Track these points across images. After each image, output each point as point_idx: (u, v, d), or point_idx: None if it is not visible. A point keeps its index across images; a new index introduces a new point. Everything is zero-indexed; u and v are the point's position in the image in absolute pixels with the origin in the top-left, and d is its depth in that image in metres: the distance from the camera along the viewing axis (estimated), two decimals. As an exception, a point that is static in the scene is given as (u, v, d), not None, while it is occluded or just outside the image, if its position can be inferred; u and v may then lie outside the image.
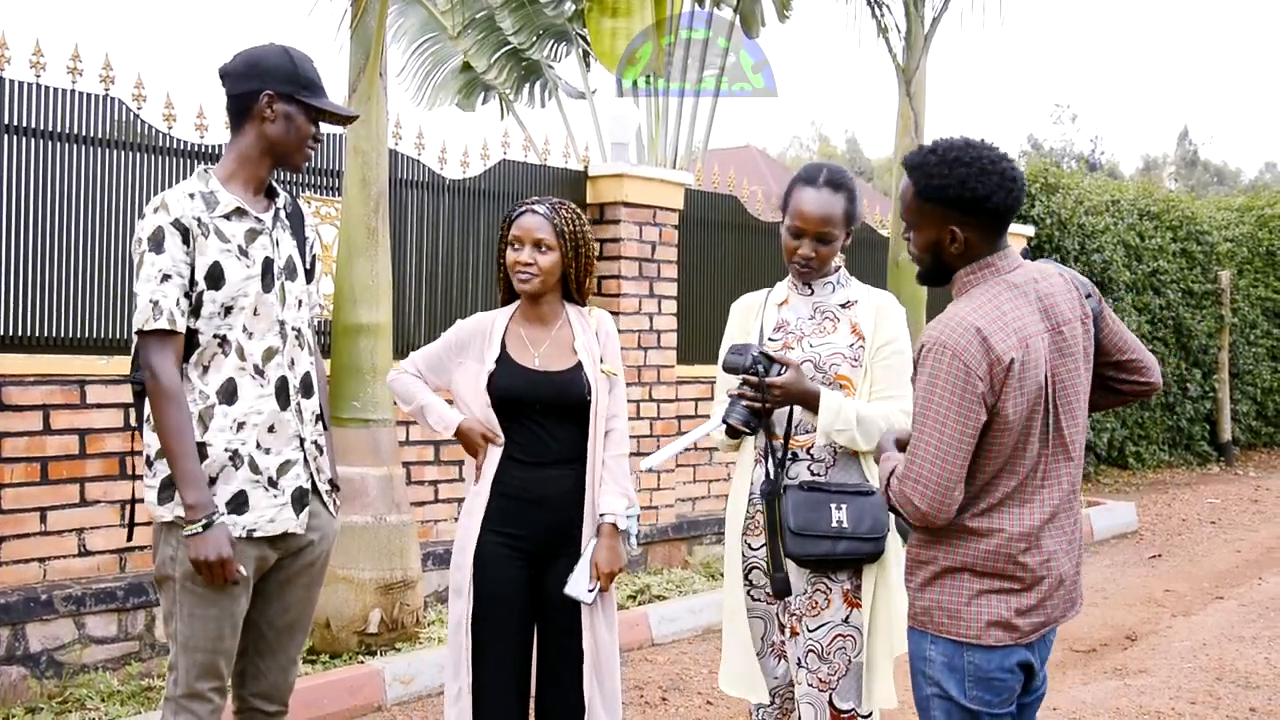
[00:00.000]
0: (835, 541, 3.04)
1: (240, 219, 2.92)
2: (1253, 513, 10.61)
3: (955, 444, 2.37)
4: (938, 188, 2.46)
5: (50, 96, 5.08)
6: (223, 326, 2.87)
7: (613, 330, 3.46)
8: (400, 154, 6.31)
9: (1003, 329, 2.39)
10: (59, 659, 4.79)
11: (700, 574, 7.04)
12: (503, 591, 3.27)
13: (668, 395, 7.41)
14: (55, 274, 5.10)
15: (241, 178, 2.95)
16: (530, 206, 3.32)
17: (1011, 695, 2.49)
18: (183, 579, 2.86)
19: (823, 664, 3.11)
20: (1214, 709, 5.01)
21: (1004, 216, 2.49)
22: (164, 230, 2.82)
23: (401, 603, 5.30)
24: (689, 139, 10.18)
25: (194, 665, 2.87)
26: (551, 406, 3.29)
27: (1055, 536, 2.47)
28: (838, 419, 3.04)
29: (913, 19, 8.74)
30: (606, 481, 3.33)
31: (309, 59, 3.01)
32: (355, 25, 5.40)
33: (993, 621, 2.43)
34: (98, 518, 5.09)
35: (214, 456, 2.85)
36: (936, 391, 2.38)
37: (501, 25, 10.22)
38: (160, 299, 2.79)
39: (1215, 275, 13.58)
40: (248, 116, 2.94)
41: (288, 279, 3.00)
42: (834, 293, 3.24)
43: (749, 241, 8.22)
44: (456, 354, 3.40)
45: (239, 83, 2.94)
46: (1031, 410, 2.41)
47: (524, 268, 3.28)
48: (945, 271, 2.55)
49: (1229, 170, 52.98)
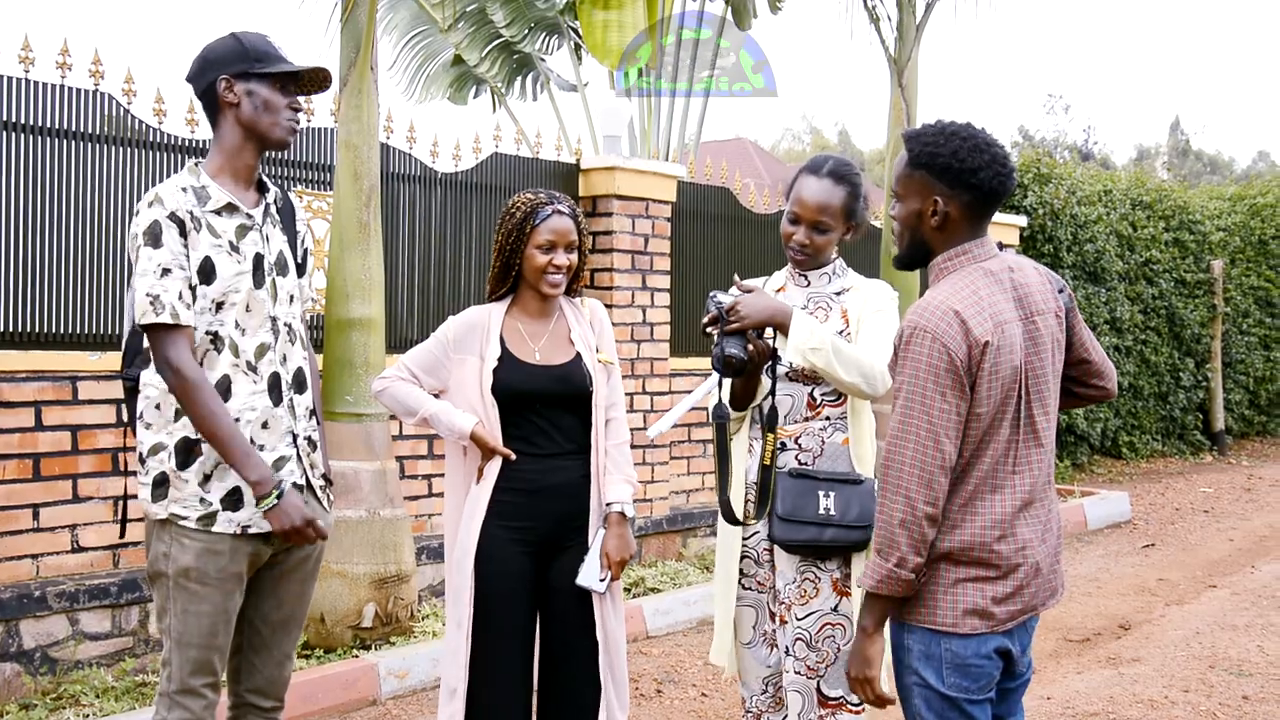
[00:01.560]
0: (822, 528, 3.04)
1: (231, 215, 2.90)
2: (1245, 501, 10.64)
3: (944, 427, 2.37)
4: (929, 154, 2.47)
5: (40, 92, 5.06)
6: (214, 323, 2.85)
7: (606, 319, 3.46)
8: (392, 148, 6.30)
9: (979, 313, 2.40)
10: (53, 655, 4.79)
11: (694, 566, 7.05)
12: (509, 586, 3.24)
13: (661, 387, 7.42)
14: (46, 270, 5.08)
15: (229, 171, 2.94)
16: (556, 207, 3.27)
17: (990, 682, 2.49)
18: (175, 575, 2.86)
19: (811, 652, 3.12)
20: (1207, 697, 5.03)
21: (989, 198, 2.49)
22: (160, 224, 2.80)
23: (396, 597, 5.30)
24: (681, 132, 10.17)
25: (187, 661, 2.87)
26: (555, 400, 3.29)
27: (1030, 524, 2.48)
28: (812, 337, 2.99)
29: (904, 9, 8.73)
30: (610, 470, 3.33)
31: (261, 36, 2.98)
32: (345, 19, 5.39)
33: (969, 610, 2.43)
34: (90, 514, 5.09)
35: (208, 453, 2.84)
36: (921, 375, 2.37)
37: (493, 18, 10.21)
38: (160, 293, 2.77)
39: (1208, 265, 13.60)
40: (217, 109, 2.93)
41: (279, 274, 2.99)
42: (829, 283, 3.24)
43: (742, 233, 8.22)
44: (455, 351, 3.33)
45: (198, 80, 2.94)
46: (1005, 397, 2.42)
47: (557, 270, 3.27)
48: (922, 250, 2.56)
49: (1222, 159, 53.04)
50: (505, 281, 3.34)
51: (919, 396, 2.38)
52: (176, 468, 2.83)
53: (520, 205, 3.29)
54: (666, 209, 7.40)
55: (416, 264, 6.47)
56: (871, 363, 3.02)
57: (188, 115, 5.55)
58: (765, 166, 32.32)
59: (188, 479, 2.83)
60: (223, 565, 2.87)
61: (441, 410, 3.27)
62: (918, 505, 2.37)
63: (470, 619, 3.23)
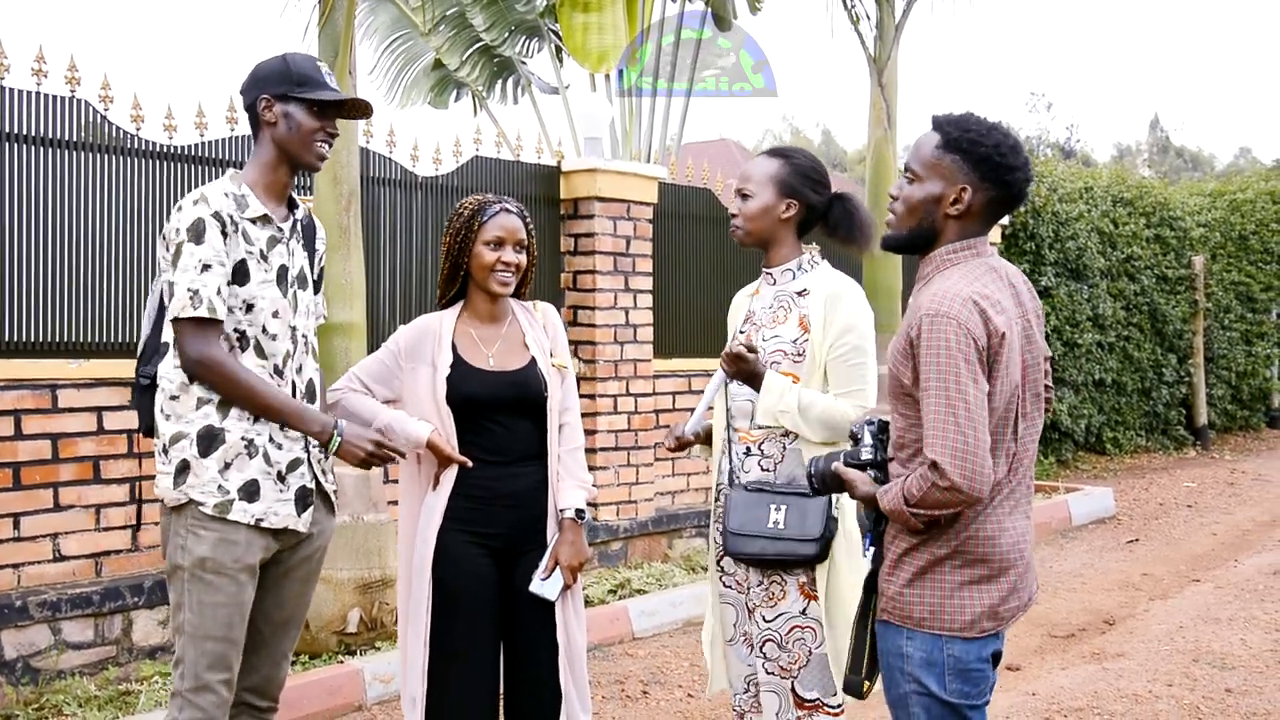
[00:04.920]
0: (770, 542, 3.03)
1: (264, 226, 3.00)
2: (1229, 496, 10.69)
3: (980, 409, 2.31)
4: (972, 141, 2.44)
5: (14, 99, 5.03)
6: (244, 322, 2.93)
7: (559, 322, 3.46)
8: (372, 152, 6.28)
9: (994, 305, 2.38)
10: (35, 665, 4.76)
11: (680, 567, 7.05)
12: (470, 587, 3.23)
13: (645, 389, 7.41)
14: (24, 278, 5.05)
15: (263, 185, 3.03)
16: (504, 205, 3.30)
17: (988, 686, 2.48)
18: (192, 567, 2.89)
19: (782, 653, 3.11)
20: (1190, 690, 5.05)
21: (1011, 201, 2.49)
22: (205, 221, 2.88)
23: (380, 602, 5.29)
24: (663, 133, 10.16)
25: (203, 655, 2.89)
26: (510, 406, 3.27)
27: (1020, 520, 2.47)
28: (780, 400, 3.01)
29: (884, 8, 8.75)
30: (564, 476, 3.33)
31: (308, 59, 3.07)
32: (323, 23, 5.38)
33: (978, 612, 2.41)
34: (72, 522, 5.06)
35: (230, 443, 2.90)
36: (952, 360, 2.31)
37: (473, 22, 10.18)
38: (200, 288, 2.84)
39: (1189, 260, 13.66)
40: (258, 126, 3.04)
41: (299, 288, 3.09)
42: (793, 280, 3.19)
43: (724, 234, 8.19)
44: (406, 360, 3.30)
45: (245, 96, 3.05)
46: (1012, 392, 2.40)
47: (506, 268, 3.27)
48: (927, 236, 2.50)
49: (1203, 156, 53.29)
50: (454, 282, 3.34)
51: (953, 379, 2.32)
52: (199, 455, 2.89)
53: (468, 205, 3.32)
54: (648, 210, 7.39)
55: (398, 268, 6.46)
56: (841, 415, 3.01)
57: (166, 121, 5.52)
58: (748, 167, 32.30)
59: (208, 465, 2.89)
60: (238, 555, 2.90)
61: (395, 420, 3.22)
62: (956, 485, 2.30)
63: (428, 626, 3.22)
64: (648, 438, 7.41)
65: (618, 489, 7.18)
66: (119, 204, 5.31)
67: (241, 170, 3.06)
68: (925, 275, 2.51)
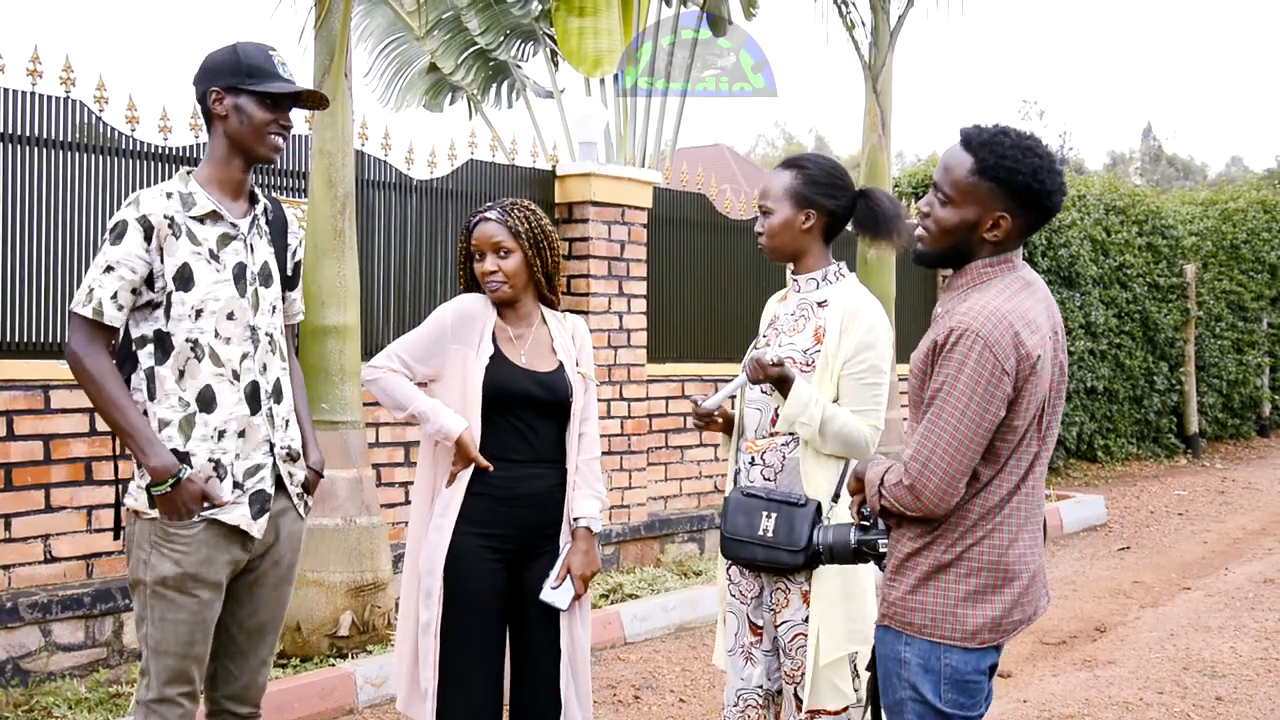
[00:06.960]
0: (760, 548, 3.06)
1: (215, 223, 2.93)
2: (1219, 504, 10.72)
3: (972, 435, 2.31)
4: (1009, 169, 2.36)
5: (10, 99, 5.02)
6: (194, 330, 2.87)
7: (587, 336, 3.49)
8: (366, 155, 6.28)
9: (1029, 325, 2.35)
10: (25, 667, 4.74)
11: (673, 572, 7.04)
12: (480, 590, 3.23)
13: (638, 394, 7.42)
14: (17, 278, 5.04)
15: (217, 180, 2.97)
16: (483, 214, 3.32)
17: (983, 697, 2.46)
18: (153, 583, 2.86)
19: (786, 659, 3.14)
20: (1181, 698, 5.06)
21: (1049, 217, 2.45)
22: (127, 225, 2.84)
23: (372, 605, 5.28)
24: (658, 138, 10.16)
25: (164, 670, 2.87)
26: (536, 404, 3.29)
27: (1032, 533, 2.46)
28: (804, 411, 3.02)
29: (878, 15, 8.77)
30: (580, 485, 3.34)
31: (260, 48, 2.97)
32: (319, 26, 5.37)
33: (980, 623, 2.40)
34: (63, 524, 5.05)
35: (198, 466, 2.86)
36: (963, 379, 2.30)
37: (468, 25, 10.18)
38: (96, 287, 2.82)
39: (1180, 269, 13.71)
40: (210, 119, 2.97)
41: (261, 285, 3.00)
42: (816, 289, 3.19)
43: (718, 240, 8.22)
44: (451, 339, 3.28)
45: (196, 88, 2.98)
46: (1039, 410, 2.38)
47: (490, 276, 3.28)
48: (962, 257, 2.46)
49: (1195, 165, 53.50)
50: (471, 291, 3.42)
51: (956, 398, 2.32)
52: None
53: (469, 220, 3.37)
54: (642, 215, 7.40)
55: (392, 271, 6.45)
56: (857, 433, 3.03)
57: (161, 122, 5.51)
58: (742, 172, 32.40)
59: None
60: (199, 573, 2.87)
61: (431, 410, 3.22)
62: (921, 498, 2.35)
63: (439, 619, 3.22)
64: (640, 443, 7.41)
65: (610, 494, 7.19)
66: (114, 205, 5.30)
67: (196, 168, 3.00)
68: (959, 286, 2.47)
